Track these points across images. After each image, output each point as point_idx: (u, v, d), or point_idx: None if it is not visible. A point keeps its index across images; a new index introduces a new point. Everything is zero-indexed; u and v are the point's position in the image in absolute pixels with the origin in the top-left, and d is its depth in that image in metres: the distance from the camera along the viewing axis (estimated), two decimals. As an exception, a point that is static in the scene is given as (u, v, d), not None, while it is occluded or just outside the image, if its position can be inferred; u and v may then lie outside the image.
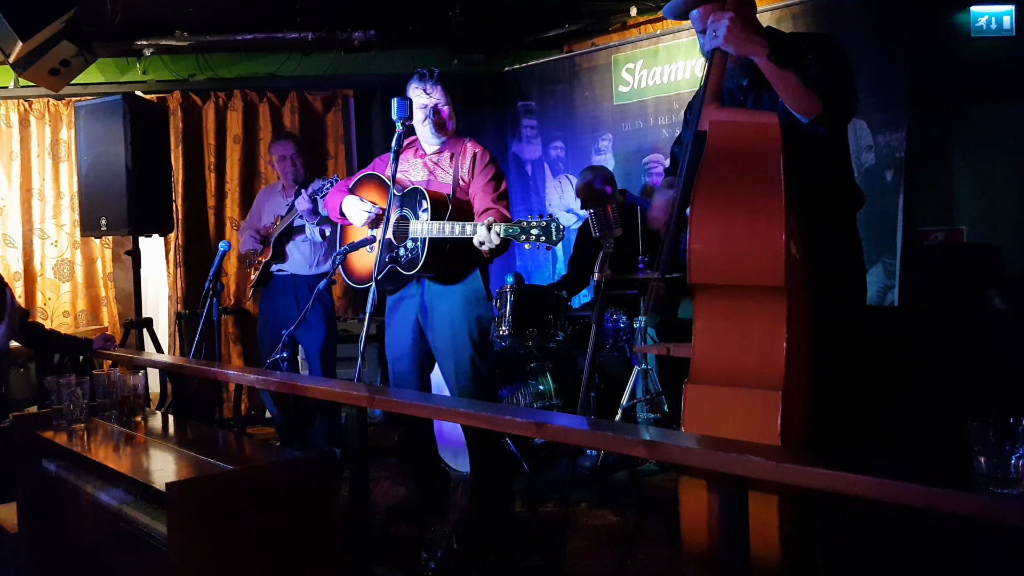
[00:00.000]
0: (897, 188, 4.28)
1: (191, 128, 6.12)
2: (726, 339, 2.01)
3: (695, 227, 1.99)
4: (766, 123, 2.06)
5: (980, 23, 5.08)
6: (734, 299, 2.01)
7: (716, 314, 2.02)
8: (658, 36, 5.48)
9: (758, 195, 1.98)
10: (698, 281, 2.02)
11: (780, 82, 2.12)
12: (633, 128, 5.65)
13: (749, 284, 1.97)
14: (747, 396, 1.93)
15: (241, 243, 4.78)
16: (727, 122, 2.11)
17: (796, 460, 1.60)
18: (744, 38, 2.12)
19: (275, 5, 5.44)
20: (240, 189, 6.10)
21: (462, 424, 2.90)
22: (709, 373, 2.01)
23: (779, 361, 1.93)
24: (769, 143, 2.01)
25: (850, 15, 4.51)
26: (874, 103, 4.37)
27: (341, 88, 6.27)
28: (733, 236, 1.98)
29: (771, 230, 1.94)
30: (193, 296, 5.92)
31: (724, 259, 1.99)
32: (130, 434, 2.68)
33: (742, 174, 2.04)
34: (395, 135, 3.27)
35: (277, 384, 2.94)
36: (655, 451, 1.82)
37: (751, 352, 1.98)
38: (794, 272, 2.00)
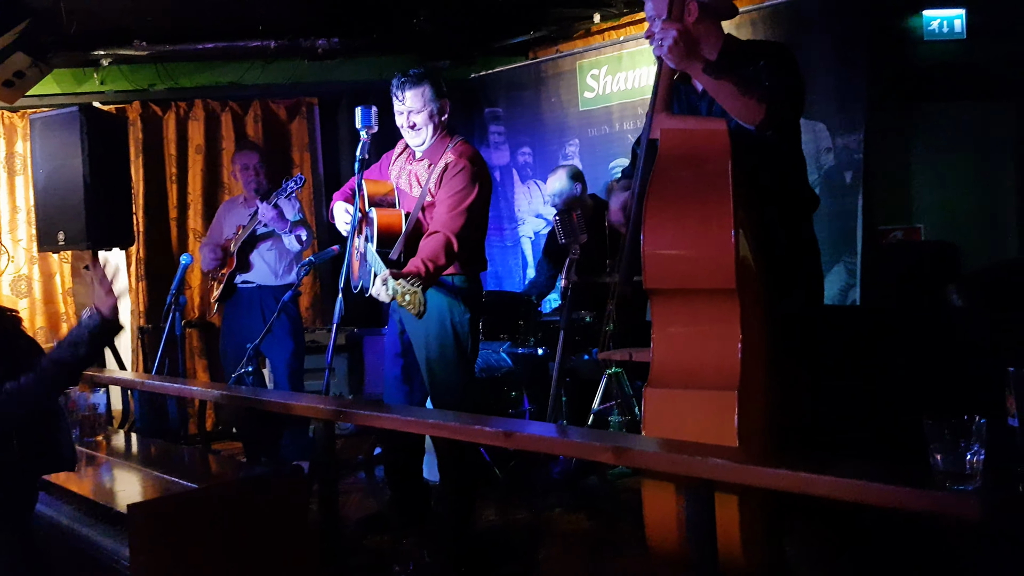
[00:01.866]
0: (856, 188, 4.35)
1: (151, 139, 6.04)
2: (683, 343, 2.05)
3: (648, 234, 2.03)
4: (715, 130, 2.11)
5: (932, 27, 5.19)
6: (689, 303, 2.05)
7: (672, 318, 2.06)
8: (621, 42, 5.52)
9: (707, 200, 2.03)
10: (653, 286, 2.06)
11: (718, 93, 2.19)
12: (599, 133, 5.68)
13: (702, 287, 2.02)
14: (704, 397, 1.97)
15: (203, 260, 4.71)
16: (677, 130, 2.16)
17: (760, 462, 1.62)
18: (684, 55, 2.18)
19: (237, 14, 5.39)
20: (203, 200, 6.03)
21: (431, 435, 2.89)
22: (667, 376, 2.04)
23: (734, 362, 1.97)
24: (718, 149, 2.06)
25: (809, 20, 4.58)
26: (833, 106, 4.43)
27: (306, 96, 6.22)
28: (684, 241, 2.03)
29: (720, 234, 1.98)
30: (156, 310, 5.83)
31: (677, 264, 2.03)
32: (91, 454, 2.63)
33: (692, 180, 2.09)
34: (359, 144, 3.25)
35: (242, 400, 2.91)
36: (622, 457, 1.83)
37: (707, 354, 2.02)
38: (747, 274, 2.04)
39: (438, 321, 3.18)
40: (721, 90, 2.18)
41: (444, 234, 3.00)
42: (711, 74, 2.18)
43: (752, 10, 4.78)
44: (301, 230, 4.55)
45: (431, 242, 3.00)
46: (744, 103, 2.15)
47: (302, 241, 4.55)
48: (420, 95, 3.18)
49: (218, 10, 5.35)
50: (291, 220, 4.48)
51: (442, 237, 2.99)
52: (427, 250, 2.97)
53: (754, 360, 2.03)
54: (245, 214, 4.70)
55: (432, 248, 2.97)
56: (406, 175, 3.33)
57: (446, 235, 2.99)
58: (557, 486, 4.00)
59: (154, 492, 2.18)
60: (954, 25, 5.19)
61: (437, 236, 3.01)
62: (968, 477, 1.39)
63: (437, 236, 3.01)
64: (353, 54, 5.96)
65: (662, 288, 2.06)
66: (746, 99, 2.14)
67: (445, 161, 3.19)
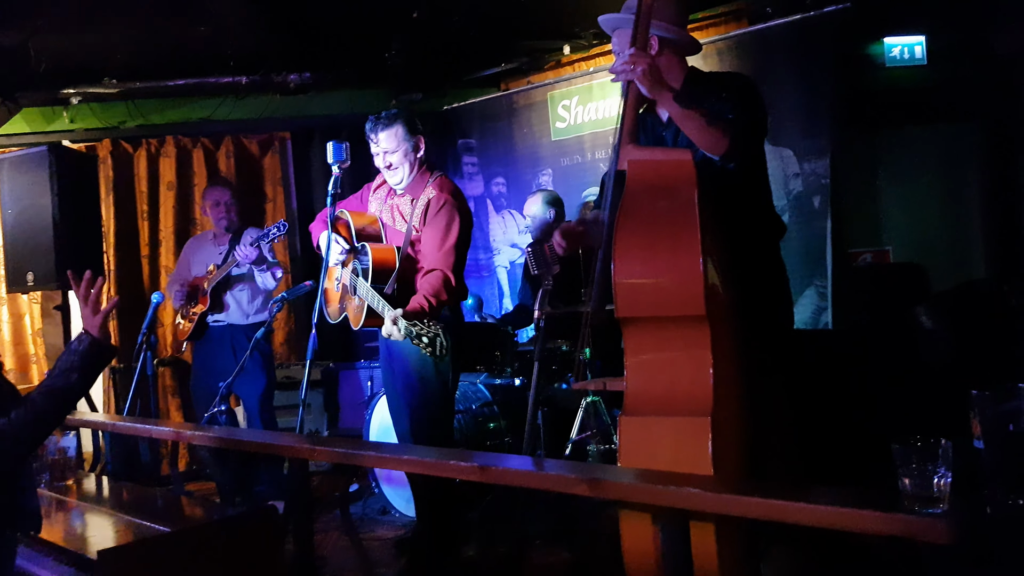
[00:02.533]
0: (825, 213, 4.41)
1: (122, 176, 6.01)
2: (655, 370, 2.07)
3: (618, 263, 2.06)
4: (681, 160, 2.14)
5: (894, 53, 5.31)
6: (660, 330, 2.07)
7: (644, 346, 2.08)
8: (591, 73, 5.59)
9: (676, 229, 2.06)
10: (625, 315, 2.07)
11: (685, 123, 2.23)
12: (572, 163, 5.73)
13: (673, 315, 2.04)
14: (678, 424, 1.99)
15: (171, 297, 4.68)
16: (644, 161, 2.19)
17: (733, 491, 1.63)
18: (654, 82, 2.22)
19: (207, 50, 5.40)
20: (175, 237, 5.99)
21: (407, 471, 2.87)
22: (641, 404, 2.06)
23: (707, 388, 1.99)
24: (684, 179, 2.10)
25: (774, 49, 4.67)
26: (799, 132, 4.51)
27: (278, 131, 6.24)
28: (654, 270, 2.05)
29: (689, 261, 2.01)
30: (128, 349, 5.74)
31: (647, 293, 2.05)
32: (61, 499, 2.59)
33: (660, 210, 2.12)
34: (331, 179, 3.26)
35: (215, 439, 2.88)
36: (597, 489, 1.82)
37: (680, 381, 2.04)
38: (716, 301, 2.06)
39: (418, 351, 3.18)
40: (687, 120, 2.21)
41: (442, 271, 3.11)
42: (680, 103, 2.21)
43: (719, 40, 4.87)
44: (277, 268, 4.56)
45: (431, 280, 3.08)
46: (710, 134, 2.18)
47: (276, 278, 4.56)
48: (394, 135, 3.22)
49: (189, 46, 5.36)
50: (268, 260, 4.48)
51: (440, 275, 3.09)
52: (428, 287, 3.06)
53: (725, 386, 2.05)
54: (215, 251, 4.68)
55: (433, 285, 3.06)
56: (388, 209, 3.37)
57: (444, 272, 3.10)
58: (539, 514, 3.97)
59: (125, 537, 2.15)
60: (915, 51, 5.32)
61: (436, 274, 3.10)
62: (936, 500, 1.40)
63: (436, 274, 3.10)
64: (325, 88, 5.99)
65: (634, 316, 2.08)
66: (712, 130, 2.18)
67: (427, 197, 3.24)
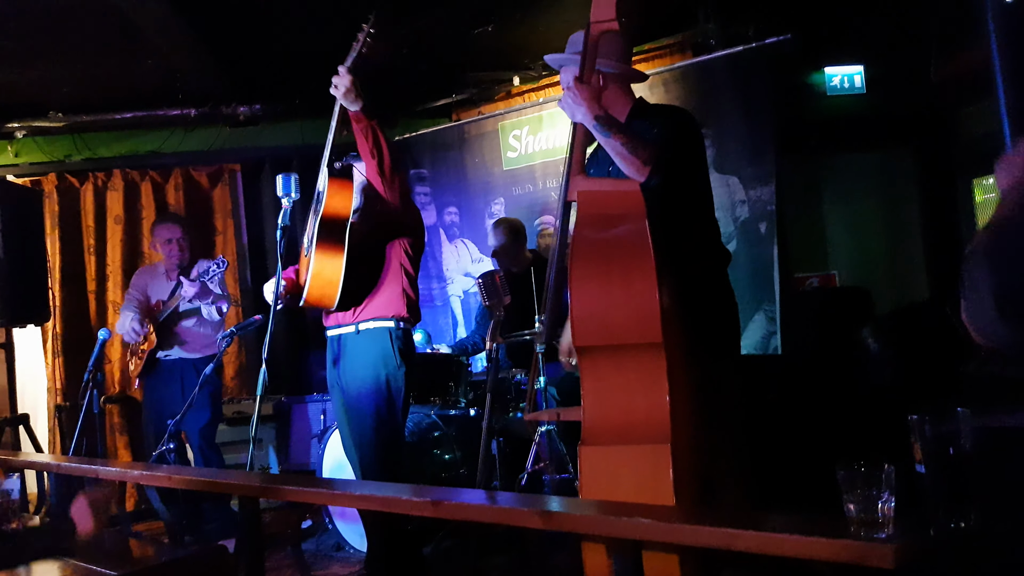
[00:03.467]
0: (771, 238, 4.50)
1: (68, 210, 5.89)
2: (613, 398, 2.07)
3: (575, 293, 2.07)
4: (628, 191, 2.18)
5: (834, 82, 5.48)
6: (617, 359, 2.08)
7: (602, 375, 2.09)
8: (541, 104, 5.66)
9: (629, 259, 2.08)
10: (583, 344, 2.09)
11: (608, 148, 2.28)
12: (524, 192, 5.77)
13: (630, 343, 2.05)
14: (638, 452, 1.99)
15: (124, 327, 4.58)
16: (593, 191, 2.22)
17: (683, 520, 1.64)
18: (577, 111, 2.29)
19: (155, 82, 5.35)
20: (122, 271, 5.87)
21: (357, 507, 2.84)
22: (600, 433, 2.06)
23: (664, 415, 2.01)
24: (633, 209, 2.13)
25: (719, 79, 4.78)
26: (744, 159, 4.61)
27: (228, 163, 6.17)
28: (611, 299, 2.07)
29: (645, 290, 2.04)
30: (74, 387, 5.62)
31: (605, 321, 2.07)
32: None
33: (612, 240, 2.14)
34: (281, 211, 3.25)
35: (163, 479, 2.81)
36: (550, 521, 1.82)
37: (637, 409, 2.04)
38: (670, 329, 2.08)
39: (373, 376, 3.23)
40: (609, 146, 2.28)
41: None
42: (600, 128, 2.27)
43: (664, 71, 4.98)
44: (222, 302, 4.52)
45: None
46: (630, 161, 2.24)
47: (222, 312, 4.53)
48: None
49: (136, 80, 5.30)
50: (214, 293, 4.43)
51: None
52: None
53: (679, 412, 2.07)
54: (167, 287, 4.63)
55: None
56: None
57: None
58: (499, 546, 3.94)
59: (69, 584, 2.08)
60: (854, 81, 5.49)
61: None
62: (880, 525, 1.42)
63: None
64: (275, 119, 5.97)
65: (591, 345, 2.09)
66: (632, 157, 2.23)
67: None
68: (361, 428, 3.24)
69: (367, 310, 3.35)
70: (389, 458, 3.24)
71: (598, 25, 2.30)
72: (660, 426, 2.00)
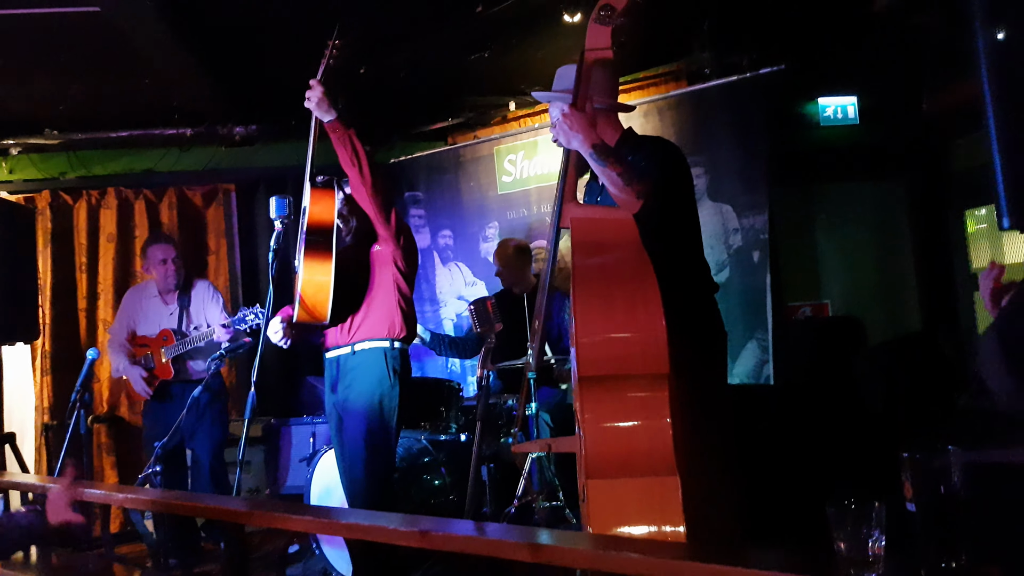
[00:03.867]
0: (764, 267, 4.50)
1: (61, 228, 5.87)
2: (619, 430, 2.04)
3: (579, 322, 2.05)
4: (622, 219, 2.18)
5: (828, 112, 5.52)
6: (622, 389, 2.06)
7: (606, 405, 2.05)
8: (536, 129, 5.68)
9: (634, 287, 2.08)
10: (587, 374, 2.06)
11: (603, 177, 2.28)
12: (518, 216, 5.78)
13: (637, 373, 2.04)
14: (647, 485, 1.97)
15: (116, 368, 4.60)
16: (587, 219, 2.22)
17: (673, 555, 1.62)
18: (570, 133, 2.28)
19: (151, 101, 5.36)
20: (114, 290, 5.84)
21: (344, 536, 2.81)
22: (605, 466, 2.02)
23: (668, 446, 1.98)
24: (628, 237, 2.13)
25: (712, 108, 4.81)
26: (738, 188, 4.63)
27: (222, 182, 6.15)
28: (617, 328, 2.05)
29: (652, 319, 2.03)
30: (62, 406, 5.56)
31: (611, 351, 2.05)
32: (-17, 569, 2.47)
33: (615, 268, 2.14)
34: (274, 234, 3.26)
35: (149, 503, 2.79)
36: (539, 554, 1.80)
37: (642, 440, 2.02)
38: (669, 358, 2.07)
39: (368, 396, 3.24)
40: (605, 176, 2.28)
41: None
42: (596, 158, 2.26)
43: (659, 99, 5.00)
44: (245, 339, 4.57)
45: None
46: (625, 192, 2.24)
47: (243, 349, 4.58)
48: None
49: (132, 98, 5.31)
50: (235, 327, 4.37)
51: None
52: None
53: (680, 444, 2.05)
54: (165, 311, 4.63)
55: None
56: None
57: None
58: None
59: (48, 611, 2.05)
60: (847, 111, 5.53)
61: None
62: (871, 564, 1.41)
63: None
64: (271, 140, 5.97)
65: (596, 375, 2.06)
66: (627, 189, 2.23)
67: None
68: (354, 448, 3.24)
69: (361, 330, 3.34)
70: (379, 479, 3.23)
71: (593, 53, 2.31)
72: (666, 457, 1.99)
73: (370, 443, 3.21)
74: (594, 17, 2.29)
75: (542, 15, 4.36)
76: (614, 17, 2.26)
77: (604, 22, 2.27)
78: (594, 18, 2.29)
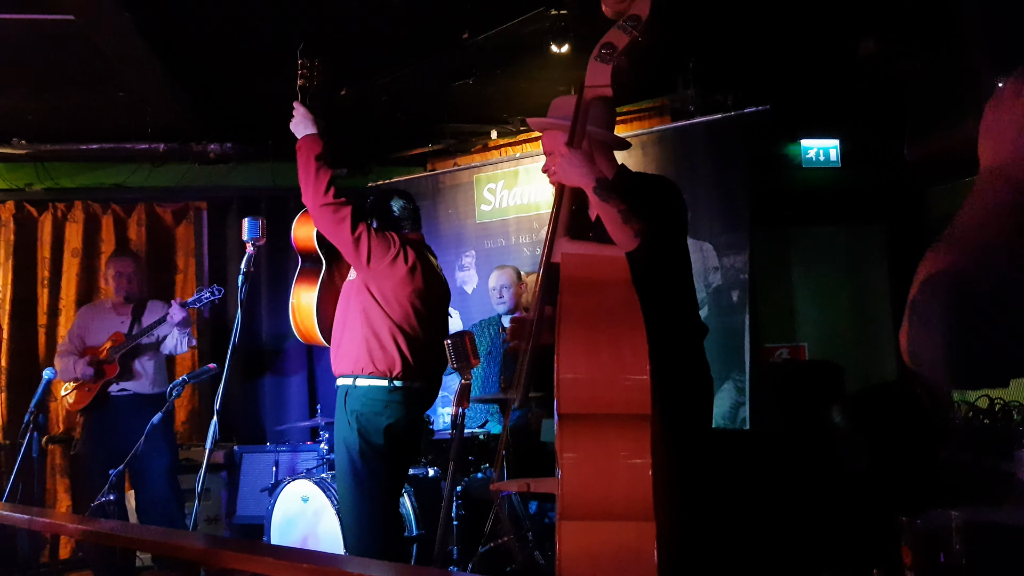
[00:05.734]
0: (743, 307, 4.47)
1: (24, 240, 5.70)
2: (595, 470, 2.00)
3: (563, 359, 2.00)
4: (614, 256, 2.14)
5: (810, 155, 5.54)
6: (601, 429, 2.01)
7: (584, 445, 2.01)
8: (517, 159, 5.63)
9: (620, 327, 2.03)
10: (567, 411, 2.00)
11: (603, 214, 2.23)
12: (496, 245, 5.70)
13: (618, 413, 1.99)
14: (622, 530, 1.92)
15: (64, 370, 4.42)
16: (578, 255, 2.17)
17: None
18: (571, 171, 2.24)
19: (124, 115, 5.23)
20: (76, 306, 5.65)
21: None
22: (580, 507, 1.96)
23: (647, 491, 1.93)
24: (619, 275, 2.09)
25: (696, 145, 4.79)
26: (719, 226, 4.60)
27: (194, 200, 6.03)
28: (600, 367, 2.01)
29: (636, 360, 1.98)
30: (16, 424, 5.34)
31: (593, 389, 2.00)
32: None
33: (602, 306, 2.09)
34: (245, 256, 3.15)
35: (102, 535, 2.63)
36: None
37: (619, 482, 1.97)
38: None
39: (339, 439, 3.15)
40: (605, 212, 2.22)
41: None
42: (599, 194, 2.22)
43: (642, 133, 4.99)
44: (194, 339, 4.47)
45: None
46: (623, 231, 2.19)
47: (192, 344, 4.51)
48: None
49: (105, 112, 5.19)
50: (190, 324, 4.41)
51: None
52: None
53: (659, 489, 1.99)
54: (117, 321, 4.53)
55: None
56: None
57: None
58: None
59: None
60: (830, 154, 5.56)
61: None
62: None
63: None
64: (246, 159, 5.85)
65: (576, 413, 2.01)
66: (625, 227, 2.18)
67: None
68: (339, 491, 3.24)
69: (335, 365, 3.25)
70: (359, 525, 3.10)
71: (592, 90, 2.26)
72: (643, 502, 1.93)
73: (343, 487, 3.14)
74: (595, 54, 2.26)
75: (529, 45, 4.32)
76: (615, 55, 2.23)
77: (605, 60, 2.24)
78: (595, 55, 2.26)
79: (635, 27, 2.23)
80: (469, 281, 5.71)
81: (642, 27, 2.23)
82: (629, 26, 2.23)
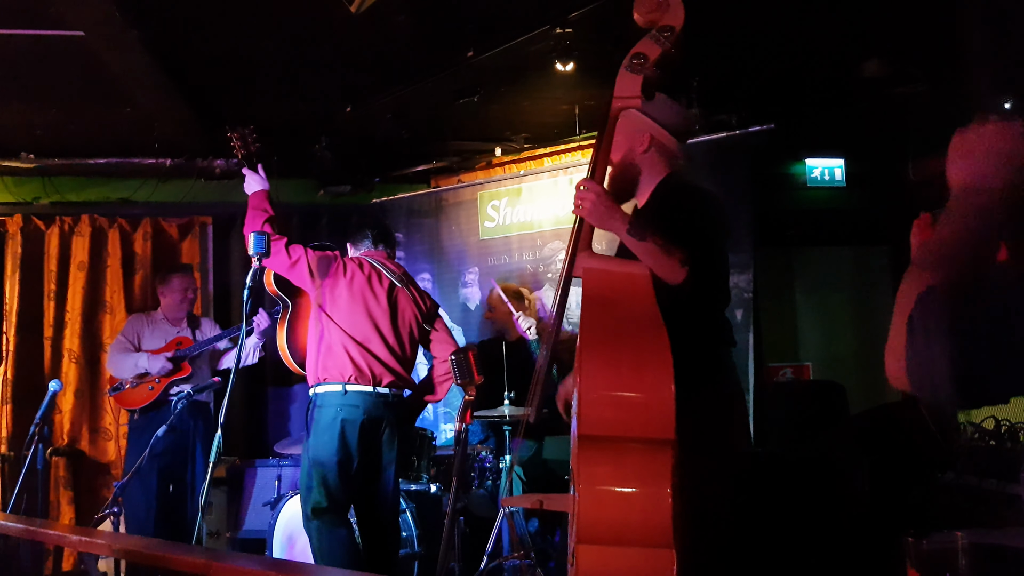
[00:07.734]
0: (747, 326, 4.46)
1: (31, 253, 5.72)
2: (616, 495, 1.93)
3: (585, 377, 1.94)
4: (637, 273, 2.07)
5: (815, 174, 5.54)
6: (622, 452, 1.94)
7: (604, 468, 1.93)
8: (521, 176, 5.65)
9: (646, 348, 1.96)
10: (588, 433, 1.95)
11: (643, 255, 2.13)
12: (499, 262, 5.71)
13: (639, 436, 1.92)
14: (641, 556, 1.87)
15: (124, 366, 4.54)
16: (600, 270, 2.10)
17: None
18: (606, 215, 2.14)
19: (131, 131, 5.27)
20: (81, 319, 5.68)
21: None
22: (598, 531, 1.91)
23: (667, 516, 1.87)
24: (642, 292, 2.03)
25: (700, 164, 4.74)
26: (723, 245, 4.60)
27: (199, 215, 6.06)
28: (625, 389, 1.94)
29: (661, 384, 1.91)
30: (21, 437, 5.35)
31: (617, 412, 1.94)
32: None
33: (622, 324, 2.02)
34: (250, 271, 3.19)
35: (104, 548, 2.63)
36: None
37: (637, 507, 1.90)
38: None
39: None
40: (645, 252, 2.13)
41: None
42: (634, 235, 2.13)
43: (645, 152, 4.99)
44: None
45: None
46: (667, 264, 2.10)
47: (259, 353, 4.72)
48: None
49: (112, 126, 5.22)
50: None
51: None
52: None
53: (679, 515, 1.95)
54: (172, 330, 4.71)
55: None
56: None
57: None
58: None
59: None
60: (835, 174, 5.56)
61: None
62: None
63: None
64: (251, 175, 5.87)
65: (597, 435, 1.94)
66: (669, 259, 2.10)
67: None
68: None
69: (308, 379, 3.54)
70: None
71: (621, 101, 2.19)
72: (663, 529, 1.87)
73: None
74: (625, 64, 2.18)
75: (533, 63, 4.35)
76: (646, 66, 2.15)
77: (636, 71, 2.16)
78: (625, 65, 2.17)
79: (668, 38, 2.14)
80: (472, 298, 5.71)
81: (675, 38, 2.15)
82: (663, 36, 2.15)
